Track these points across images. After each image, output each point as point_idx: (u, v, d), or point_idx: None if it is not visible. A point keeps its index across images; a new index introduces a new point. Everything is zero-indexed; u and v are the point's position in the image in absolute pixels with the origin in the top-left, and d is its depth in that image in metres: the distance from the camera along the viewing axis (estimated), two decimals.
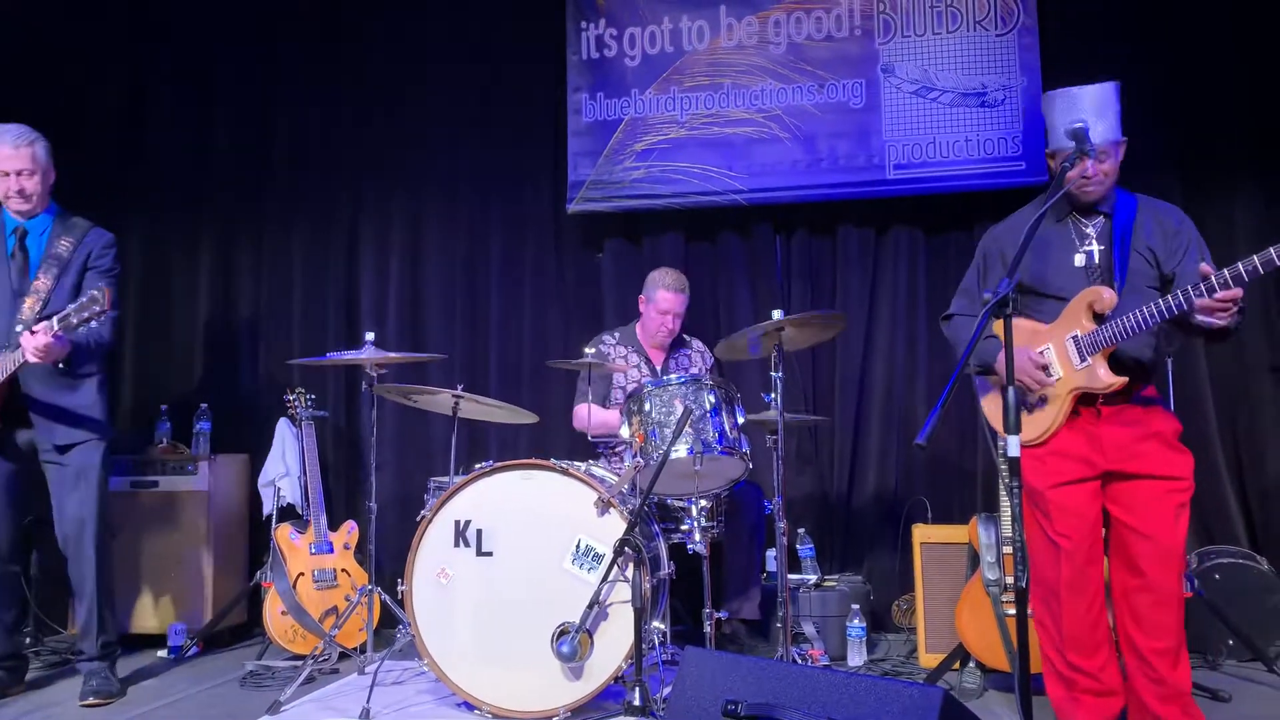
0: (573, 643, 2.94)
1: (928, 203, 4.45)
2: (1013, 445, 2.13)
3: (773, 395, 3.32)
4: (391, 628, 4.00)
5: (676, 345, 4.11)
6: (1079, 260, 2.64)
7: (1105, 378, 2.50)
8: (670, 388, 3.24)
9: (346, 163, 4.96)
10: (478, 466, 3.22)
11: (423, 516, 3.20)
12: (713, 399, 3.23)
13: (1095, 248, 2.63)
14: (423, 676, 3.50)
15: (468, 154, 4.86)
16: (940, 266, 4.54)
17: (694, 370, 4.07)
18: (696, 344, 4.18)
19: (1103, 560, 2.62)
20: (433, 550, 3.16)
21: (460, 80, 4.87)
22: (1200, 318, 2.34)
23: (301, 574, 3.96)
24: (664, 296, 3.95)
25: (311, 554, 4.03)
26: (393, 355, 3.59)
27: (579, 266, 4.80)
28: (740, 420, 3.31)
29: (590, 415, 3.72)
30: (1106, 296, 2.50)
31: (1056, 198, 2.53)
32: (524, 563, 3.10)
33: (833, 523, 4.50)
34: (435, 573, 3.15)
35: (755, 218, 4.62)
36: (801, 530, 4.19)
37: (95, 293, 3.09)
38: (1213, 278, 2.30)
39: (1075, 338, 2.55)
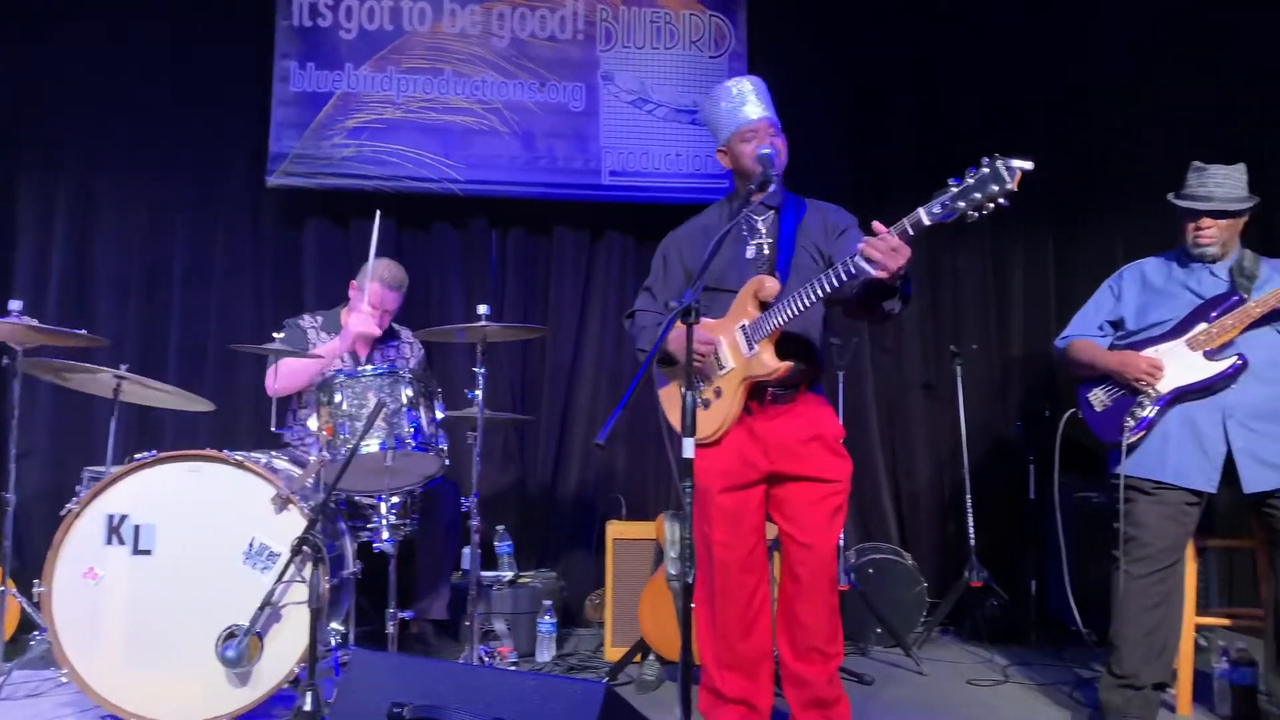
0: (239, 646, 2.76)
1: (640, 211, 4.59)
2: (687, 447, 2.21)
3: (476, 393, 3.29)
4: (30, 633, 3.55)
5: (386, 336, 3.94)
6: (749, 253, 2.70)
7: (770, 362, 2.54)
8: (364, 379, 3.09)
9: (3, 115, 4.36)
10: (138, 456, 2.93)
11: (68, 510, 2.86)
12: (409, 393, 3.12)
13: (765, 241, 2.70)
14: (64, 688, 3.14)
15: (154, 113, 4.42)
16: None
17: (401, 364, 3.92)
18: (406, 334, 4.02)
19: (762, 571, 2.68)
20: (79, 548, 2.85)
21: (151, 33, 4.42)
22: (867, 265, 2.29)
23: None
24: (374, 290, 3.75)
25: None
26: (44, 328, 3.16)
27: (278, 245, 4.50)
28: (439, 416, 3.23)
29: (277, 372, 3.43)
30: (769, 285, 2.55)
31: (741, 207, 2.57)
32: (189, 562, 2.86)
33: (534, 520, 4.54)
34: (81, 572, 2.84)
35: (471, 210, 4.56)
36: (500, 527, 4.19)
37: None
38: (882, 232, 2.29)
39: (743, 326, 2.59)
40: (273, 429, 3.27)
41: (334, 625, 3.06)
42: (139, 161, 4.43)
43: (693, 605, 2.86)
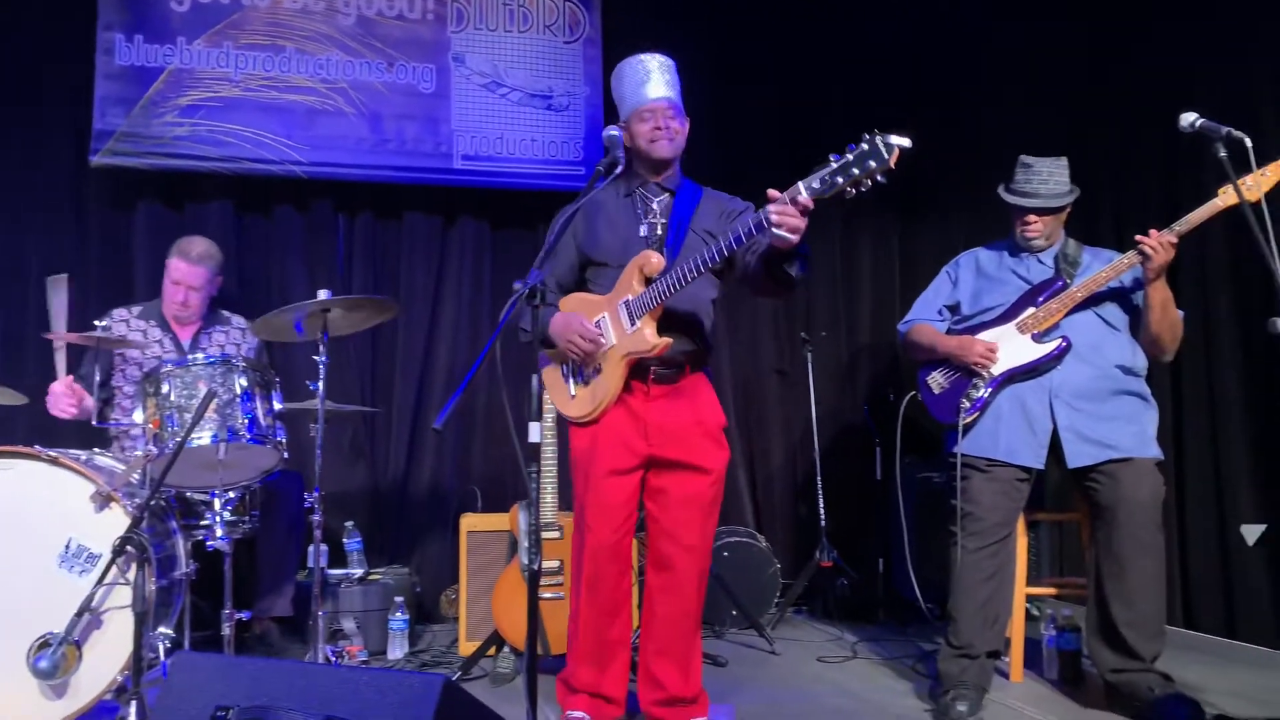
0: (54, 656, 2.56)
1: (495, 196, 4.51)
2: (534, 431, 2.18)
3: (319, 384, 3.15)
4: None
5: (212, 321, 3.72)
6: (642, 231, 2.66)
7: (650, 338, 2.49)
8: (195, 368, 2.92)
9: None
10: None
11: None
12: (244, 382, 2.96)
13: (658, 221, 2.66)
14: None
15: None
16: (506, 260, 4.61)
17: (231, 351, 3.71)
18: (237, 321, 3.78)
19: (626, 561, 2.66)
20: None
21: None
22: (776, 231, 2.24)
23: None
24: (175, 265, 3.53)
25: None
26: None
27: (105, 229, 4.20)
28: (277, 407, 3.09)
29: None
30: (655, 260, 2.51)
31: (611, 178, 2.45)
32: None
33: (386, 514, 4.40)
34: None
35: (316, 193, 4.37)
36: (350, 523, 4.03)
37: None
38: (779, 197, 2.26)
39: (626, 301, 2.55)
40: (94, 423, 3.06)
41: (164, 630, 2.87)
42: None
43: (561, 596, 2.87)
